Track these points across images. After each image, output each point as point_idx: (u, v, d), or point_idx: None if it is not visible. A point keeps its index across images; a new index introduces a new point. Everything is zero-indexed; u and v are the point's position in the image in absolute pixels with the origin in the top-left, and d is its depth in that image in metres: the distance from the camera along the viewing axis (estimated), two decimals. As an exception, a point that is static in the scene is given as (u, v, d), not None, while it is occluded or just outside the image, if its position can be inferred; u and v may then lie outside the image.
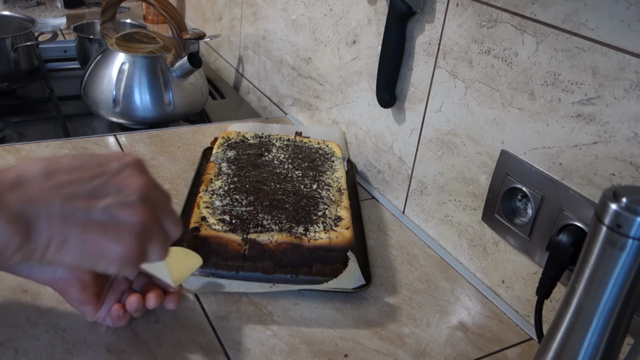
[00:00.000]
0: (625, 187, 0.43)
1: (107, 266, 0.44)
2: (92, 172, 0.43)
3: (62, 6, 1.61)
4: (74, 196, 0.41)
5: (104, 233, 0.42)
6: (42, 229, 0.40)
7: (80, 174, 0.42)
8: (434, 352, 0.63)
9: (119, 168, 0.44)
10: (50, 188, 0.41)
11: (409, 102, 0.85)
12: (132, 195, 0.43)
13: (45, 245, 0.41)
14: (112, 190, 0.43)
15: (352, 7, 0.94)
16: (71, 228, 0.41)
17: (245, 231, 0.68)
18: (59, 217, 0.40)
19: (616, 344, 0.47)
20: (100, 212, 0.42)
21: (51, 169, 0.42)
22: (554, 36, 0.62)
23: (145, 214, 0.44)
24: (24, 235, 0.39)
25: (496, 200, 0.71)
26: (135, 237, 0.43)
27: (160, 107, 1.09)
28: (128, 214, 0.43)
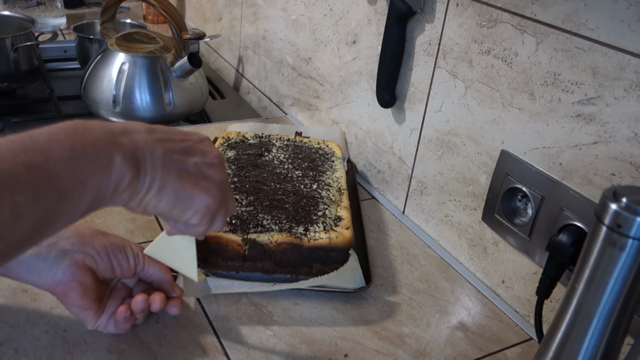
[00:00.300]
0: (625, 187, 0.43)
1: (193, 214, 0.48)
2: (180, 136, 0.49)
3: (62, 6, 1.61)
4: (171, 150, 0.47)
5: (195, 184, 0.47)
6: (148, 171, 0.44)
7: (172, 135, 0.48)
8: (434, 352, 0.63)
9: (199, 139, 0.51)
10: (152, 140, 0.46)
11: (409, 102, 0.85)
12: (214, 159, 0.50)
13: (149, 187, 0.45)
14: (198, 152, 0.49)
15: (352, 7, 0.94)
16: (169, 175, 0.46)
17: (245, 231, 0.68)
18: (160, 164, 0.45)
19: (616, 344, 0.47)
20: (192, 166, 0.48)
21: (150, 127, 0.47)
22: (554, 36, 0.62)
23: (225, 175, 0.51)
24: (135, 172, 0.43)
25: (496, 200, 0.71)
26: (219, 191, 0.49)
27: (160, 107, 1.09)
28: (213, 172, 0.49)
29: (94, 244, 0.57)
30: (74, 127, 0.42)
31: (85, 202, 0.41)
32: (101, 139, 0.42)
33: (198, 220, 0.49)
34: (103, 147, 0.42)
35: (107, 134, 0.43)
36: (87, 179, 0.41)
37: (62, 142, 0.40)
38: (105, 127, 0.44)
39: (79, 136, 0.41)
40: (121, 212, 0.80)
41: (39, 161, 0.38)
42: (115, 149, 0.42)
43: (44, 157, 0.39)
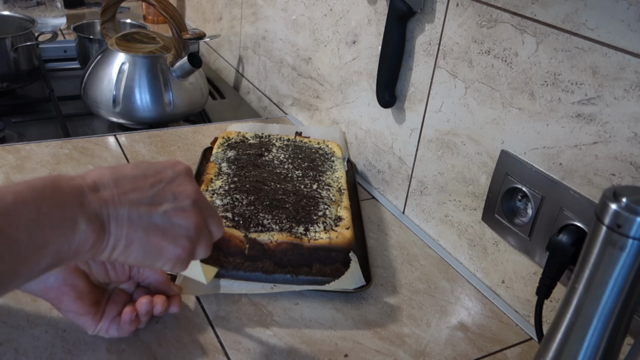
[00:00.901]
0: (625, 187, 0.43)
1: (163, 264, 0.48)
2: (151, 179, 0.48)
3: (62, 6, 1.61)
4: (138, 202, 0.46)
5: (162, 236, 0.47)
6: (113, 230, 0.45)
7: (142, 182, 0.47)
8: (434, 352, 0.63)
9: (172, 175, 0.50)
10: (119, 194, 0.45)
11: (409, 102, 0.85)
12: (185, 201, 0.49)
13: (114, 246, 0.45)
14: (168, 196, 0.48)
15: (352, 7, 0.94)
16: (136, 231, 0.46)
17: (247, 229, 0.68)
18: (126, 221, 0.45)
19: (616, 344, 0.47)
20: (160, 217, 0.47)
21: (119, 176, 0.47)
22: (554, 36, 0.62)
23: (197, 218, 0.49)
24: (99, 234, 0.44)
25: (496, 200, 0.71)
26: (188, 239, 0.48)
27: (160, 107, 1.09)
28: (182, 218, 0.48)
29: None
30: (42, 185, 0.42)
31: (43, 264, 0.41)
32: (69, 200, 0.42)
33: (170, 268, 0.49)
34: (69, 209, 0.42)
35: (76, 194, 0.43)
36: (48, 243, 0.41)
37: (29, 204, 0.40)
38: (75, 185, 0.44)
39: (47, 197, 0.41)
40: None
41: (2, 225, 0.38)
42: (81, 211, 0.43)
43: (6, 221, 0.39)
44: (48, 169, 0.88)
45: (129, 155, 0.95)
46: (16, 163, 0.88)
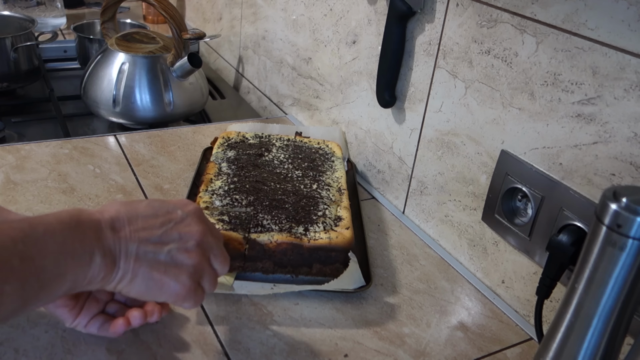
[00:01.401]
0: (625, 187, 0.43)
1: (166, 299, 0.52)
2: (161, 219, 0.52)
3: (62, 6, 1.61)
4: (147, 240, 0.50)
5: (165, 272, 0.50)
6: (122, 265, 0.49)
7: (153, 220, 0.51)
8: (434, 352, 0.63)
9: (182, 216, 0.53)
10: (131, 232, 0.50)
11: (409, 102, 0.85)
12: (190, 241, 0.52)
13: (121, 278, 0.49)
14: (175, 237, 0.52)
15: (352, 7, 0.94)
16: (141, 267, 0.49)
17: (245, 230, 0.68)
18: (134, 257, 0.49)
19: (616, 344, 0.47)
20: (165, 255, 0.51)
21: (132, 214, 0.51)
22: (554, 36, 0.62)
23: (199, 258, 0.52)
24: (110, 268, 0.48)
25: (496, 200, 0.71)
26: (189, 277, 0.52)
27: (160, 107, 1.09)
28: (185, 257, 0.52)
29: None
30: (69, 219, 0.46)
31: (60, 291, 0.45)
32: (89, 234, 0.47)
33: (172, 302, 0.53)
34: (89, 244, 0.46)
35: (95, 230, 0.48)
36: (68, 272, 0.45)
37: (56, 236, 0.44)
38: (95, 220, 0.48)
39: (72, 230, 0.46)
40: (121, 212, 0.80)
41: (32, 254, 0.42)
42: (98, 247, 0.47)
43: (37, 250, 0.43)
44: (48, 169, 0.88)
45: (128, 155, 0.95)
46: (16, 163, 0.88)
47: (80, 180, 0.86)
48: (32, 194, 0.81)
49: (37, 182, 0.84)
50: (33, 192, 0.82)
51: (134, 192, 0.85)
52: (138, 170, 0.91)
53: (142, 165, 0.93)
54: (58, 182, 0.85)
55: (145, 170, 0.91)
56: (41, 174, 0.86)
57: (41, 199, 0.80)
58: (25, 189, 0.82)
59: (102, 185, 0.85)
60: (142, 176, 0.89)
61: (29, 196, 0.81)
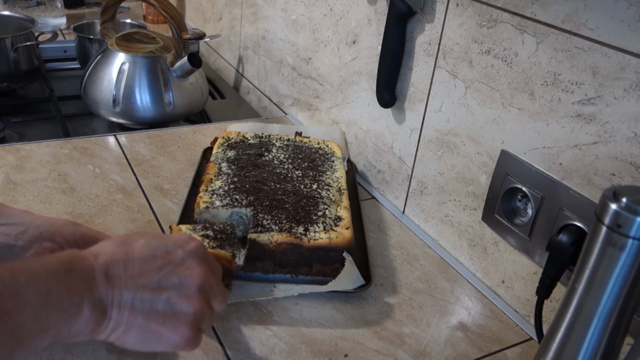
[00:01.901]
0: (625, 187, 0.43)
1: (163, 349, 0.49)
2: (160, 261, 0.48)
3: (62, 6, 1.61)
4: (144, 287, 0.46)
5: (163, 323, 0.47)
6: (114, 315, 0.45)
7: (151, 264, 0.47)
8: (434, 352, 0.63)
9: (182, 257, 0.49)
10: (126, 278, 0.46)
11: (409, 102, 0.85)
12: (191, 287, 0.48)
13: (112, 329, 0.45)
14: (174, 282, 0.48)
15: (352, 7, 0.94)
16: (136, 318, 0.46)
17: (232, 246, 0.64)
18: (128, 307, 0.45)
19: (616, 344, 0.47)
20: (163, 303, 0.47)
21: (129, 258, 0.47)
22: (554, 36, 0.62)
23: (199, 304, 0.49)
24: (99, 321, 0.44)
25: (496, 200, 0.71)
26: (189, 327, 0.48)
27: (160, 107, 1.09)
28: (186, 304, 0.48)
29: (63, 233, 0.56)
30: (57, 266, 0.42)
31: (39, 347, 0.41)
32: (79, 284, 0.43)
33: (170, 351, 0.51)
34: (78, 294, 0.42)
35: (87, 278, 0.43)
36: (50, 327, 0.41)
37: (40, 286, 0.40)
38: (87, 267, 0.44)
39: (60, 279, 0.42)
40: (121, 212, 0.80)
41: (9, 308, 0.38)
42: (88, 298, 0.43)
43: (15, 304, 0.39)
44: (48, 169, 0.88)
45: (128, 155, 0.95)
46: (16, 163, 0.88)
47: (80, 180, 0.86)
48: (32, 194, 0.81)
49: (37, 182, 0.84)
50: (33, 192, 0.82)
51: (134, 192, 0.85)
52: (138, 170, 0.91)
53: (142, 165, 0.93)
54: (58, 182, 0.85)
55: (145, 170, 0.91)
56: (41, 174, 0.86)
57: (41, 199, 0.81)
58: (25, 189, 0.82)
59: (102, 185, 0.85)
60: (142, 176, 0.89)
61: (29, 196, 0.81)
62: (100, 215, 0.79)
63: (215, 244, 0.63)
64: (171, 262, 0.48)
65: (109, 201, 0.82)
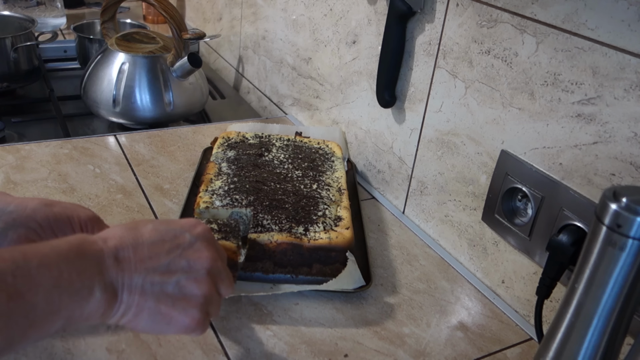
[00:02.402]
0: (625, 187, 0.43)
1: (174, 332, 0.49)
2: (168, 245, 0.48)
3: (62, 6, 1.61)
4: (154, 270, 0.46)
5: (173, 306, 0.47)
6: (124, 298, 0.45)
7: (159, 247, 0.48)
8: (434, 352, 0.63)
9: (190, 240, 0.49)
10: (136, 262, 0.46)
11: (409, 102, 0.85)
12: (200, 270, 0.49)
13: (123, 313, 0.45)
14: (183, 265, 0.48)
15: (352, 7, 0.94)
16: (147, 301, 0.46)
17: (237, 238, 0.65)
18: (139, 289, 0.45)
19: (616, 344, 0.47)
20: (172, 286, 0.47)
21: (138, 241, 0.47)
22: (554, 36, 0.62)
23: (208, 287, 0.49)
24: (111, 303, 0.44)
25: (496, 200, 0.71)
26: (198, 309, 0.48)
27: (160, 107, 1.09)
28: (195, 287, 0.48)
29: (36, 217, 0.55)
30: (68, 249, 0.43)
31: (52, 329, 0.41)
32: (89, 267, 0.43)
33: (179, 334, 0.51)
34: (89, 277, 0.43)
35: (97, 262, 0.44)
36: (62, 309, 0.41)
37: (52, 268, 0.41)
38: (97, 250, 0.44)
39: (70, 262, 0.42)
40: (121, 212, 0.80)
41: (22, 290, 0.39)
42: (99, 280, 0.43)
43: (28, 285, 0.39)
44: (48, 169, 0.88)
45: (128, 155, 0.95)
46: (16, 163, 0.88)
47: (80, 180, 0.86)
48: (32, 194, 0.81)
49: (37, 182, 0.84)
50: (33, 192, 0.82)
51: (134, 192, 0.85)
52: (138, 170, 0.91)
53: (142, 165, 0.93)
54: (58, 182, 0.85)
55: (145, 170, 0.91)
56: (41, 174, 0.86)
57: (41, 199, 0.80)
58: (25, 189, 0.82)
59: (102, 185, 0.85)
60: (142, 176, 0.89)
61: (29, 196, 0.81)
62: (100, 215, 0.78)
63: (220, 236, 0.63)
64: (179, 245, 0.49)
65: (109, 201, 0.82)
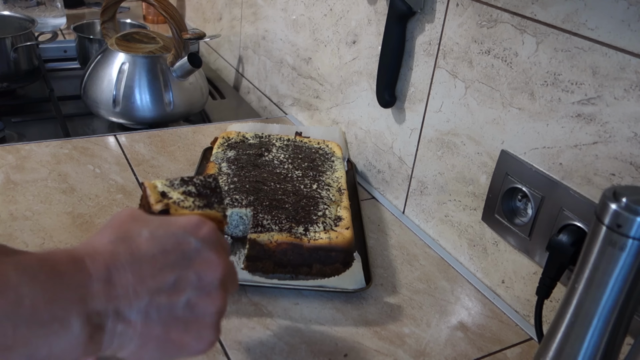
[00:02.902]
0: (625, 187, 0.43)
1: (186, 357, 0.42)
2: (172, 256, 0.40)
3: (62, 6, 1.61)
4: (158, 291, 0.38)
5: (185, 330, 0.40)
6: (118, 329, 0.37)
7: (162, 259, 0.39)
8: (434, 352, 0.63)
9: (196, 247, 0.41)
10: (135, 284, 0.37)
11: (409, 102, 0.85)
12: (212, 282, 0.41)
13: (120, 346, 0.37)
14: (192, 279, 0.40)
15: (352, 7, 0.94)
16: (154, 329, 0.38)
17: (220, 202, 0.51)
18: (142, 317, 0.37)
19: (616, 344, 0.47)
20: (182, 307, 0.39)
21: (136, 256, 0.38)
22: (554, 36, 0.62)
23: (222, 300, 0.42)
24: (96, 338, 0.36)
25: (496, 200, 0.71)
26: (214, 329, 0.42)
27: (160, 107, 1.09)
28: (208, 304, 0.41)
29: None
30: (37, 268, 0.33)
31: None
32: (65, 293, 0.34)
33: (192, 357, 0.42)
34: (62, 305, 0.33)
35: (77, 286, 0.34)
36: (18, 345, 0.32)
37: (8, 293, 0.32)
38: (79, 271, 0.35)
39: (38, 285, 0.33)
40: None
41: None
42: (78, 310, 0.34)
43: None
44: (48, 169, 0.88)
45: (128, 155, 0.95)
46: (16, 163, 0.88)
47: (80, 180, 0.86)
48: (32, 194, 0.81)
49: (37, 182, 0.84)
50: (33, 192, 0.82)
51: (134, 192, 0.85)
52: (138, 170, 0.91)
53: (142, 165, 0.93)
54: (58, 182, 0.85)
55: (145, 170, 0.91)
56: (41, 174, 0.86)
57: (41, 199, 0.80)
58: (25, 189, 0.82)
59: (102, 185, 0.85)
60: (142, 176, 0.89)
61: (29, 196, 0.81)
62: (100, 215, 0.79)
63: (202, 202, 0.50)
64: (185, 254, 0.40)
65: (109, 201, 0.82)
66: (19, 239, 0.72)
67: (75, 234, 0.74)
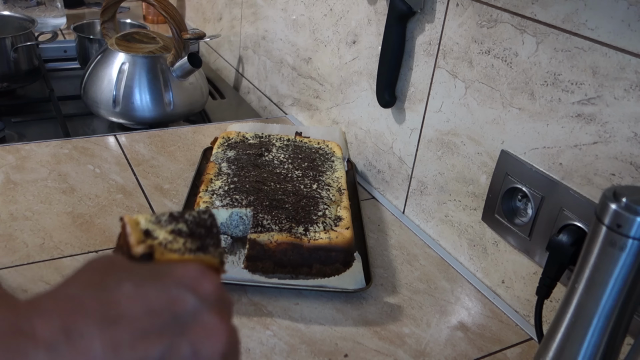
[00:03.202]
0: (625, 187, 0.43)
1: None
2: (160, 321, 0.29)
3: (62, 6, 1.61)
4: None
5: None
6: None
7: (147, 323, 0.29)
8: (434, 352, 0.63)
9: (194, 307, 0.31)
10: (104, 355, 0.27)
11: (409, 102, 0.85)
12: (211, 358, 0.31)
13: None
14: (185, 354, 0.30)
15: (352, 7, 0.94)
16: None
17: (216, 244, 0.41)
18: None
19: (616, 344, 0.47)
20: None
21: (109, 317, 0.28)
22: (554, 36, 0.62)
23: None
24: None
25: (496, 200, 0.71)
26: None
27: (160, 107, 1.09)
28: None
29: None
30: None
31: None
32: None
33: None
34: None
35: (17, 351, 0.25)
36: None
37: None
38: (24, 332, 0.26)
39: None
40: (121, 212, 0.80)
41: None
42: None
43: None
44: (48, 169, 0.88)
45: (128, 155, 0.95)
46: (16, 163, 0.88)
47: (80, 180, 0.86)
48: (32, 194, 0.81)
49: (37, 182, 0.84)
50: (33, 192, 0.82)
51: (134, 192, 0.85)
52: (138, 170, 0.91)
53: (142, 165, 0.93)
54: (58, 182, 0.85)
55: (145, 170, 0.91)
56: (41, 174, 0.86)
57: (41, 199, 0.81)
58: (25, 189, 0.82)
59: (102, 185, 0.85)
60: (142, 176, 0.89)
61: (29, 196, 0.81)
62: (100, 215, 0.79)
63: (194, 244, 0.40)
64: (178, 317, 0.30)
65: (109, 201, 0.82)
66: (19, 239, 0.72)
67: (75, 234, 0.74)
